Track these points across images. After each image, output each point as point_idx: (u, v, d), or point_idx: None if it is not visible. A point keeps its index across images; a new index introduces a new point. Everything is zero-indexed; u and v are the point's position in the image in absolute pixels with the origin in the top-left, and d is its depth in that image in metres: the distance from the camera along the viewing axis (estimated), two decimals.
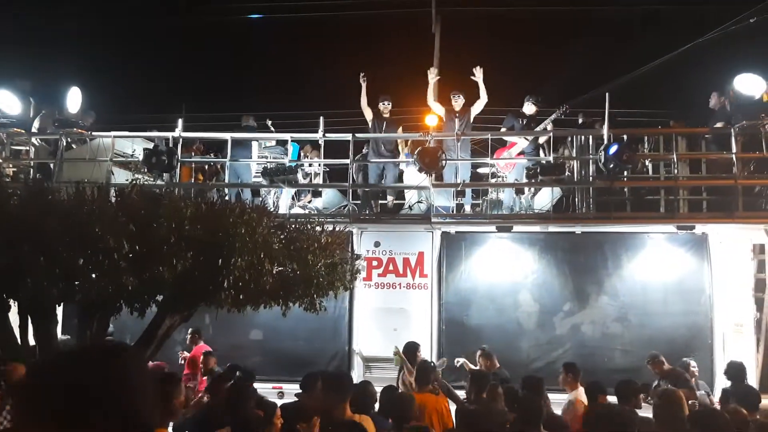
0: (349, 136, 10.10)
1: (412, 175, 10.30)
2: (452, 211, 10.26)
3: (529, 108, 10.95)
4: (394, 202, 11.71)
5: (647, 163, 10.24)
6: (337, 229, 7.14)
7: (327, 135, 10.06)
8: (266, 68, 27.13)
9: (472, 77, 11.15)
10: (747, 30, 12.65)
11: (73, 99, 10.23)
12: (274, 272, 5.70)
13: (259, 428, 4.75)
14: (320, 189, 11.19)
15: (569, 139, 10.51)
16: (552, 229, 10.35)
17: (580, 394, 7.44)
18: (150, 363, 8.33)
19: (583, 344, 10.24)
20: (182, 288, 5.44)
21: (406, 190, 10.85)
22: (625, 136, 10.01)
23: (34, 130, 10.99)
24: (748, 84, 9.39)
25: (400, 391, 6.97)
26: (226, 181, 10.78)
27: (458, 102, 10.91)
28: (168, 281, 5.21)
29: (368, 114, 11.06)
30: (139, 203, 5.49)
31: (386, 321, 10.31)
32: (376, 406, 5.58)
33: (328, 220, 8.66)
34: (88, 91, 11.09)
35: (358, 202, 11.09)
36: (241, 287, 5.44)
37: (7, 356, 5.66)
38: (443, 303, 10.39)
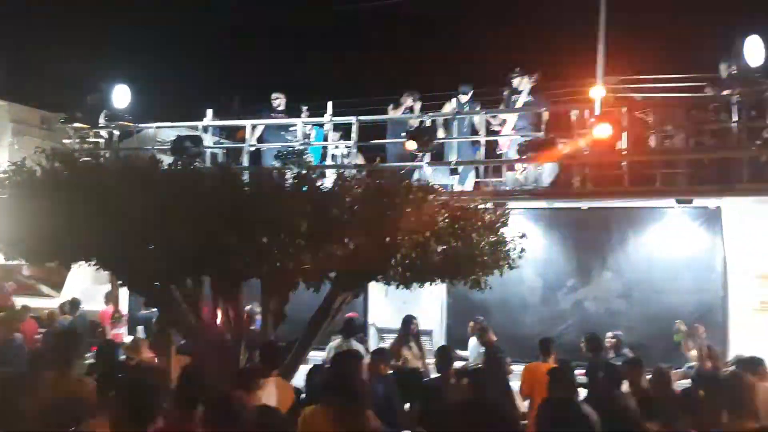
0: (353, 119, 10.70)
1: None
2: (451, 189, 10.53)
3: (516, 82, 10.87)
4: None
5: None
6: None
7: (333, 118, 10.72)
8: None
9: None
10: None
11: (121, 95, 11.62)
12: (439, 250, 5.82)
13: None
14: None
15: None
16: (557, 205, 10.36)
17: None
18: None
19: (586, 320, 10.19)
20: (353, 265, 5.67)
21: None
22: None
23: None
24: (751, 48, 8.84)
25: None
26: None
27: None
28: (340, 258, 5.48)
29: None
30: (313, 185, 5.82)
31: (396, 295, 10.79)
32: None
33: None
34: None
35: None
36: (408, 264, 5.71)
37: None
38: None
